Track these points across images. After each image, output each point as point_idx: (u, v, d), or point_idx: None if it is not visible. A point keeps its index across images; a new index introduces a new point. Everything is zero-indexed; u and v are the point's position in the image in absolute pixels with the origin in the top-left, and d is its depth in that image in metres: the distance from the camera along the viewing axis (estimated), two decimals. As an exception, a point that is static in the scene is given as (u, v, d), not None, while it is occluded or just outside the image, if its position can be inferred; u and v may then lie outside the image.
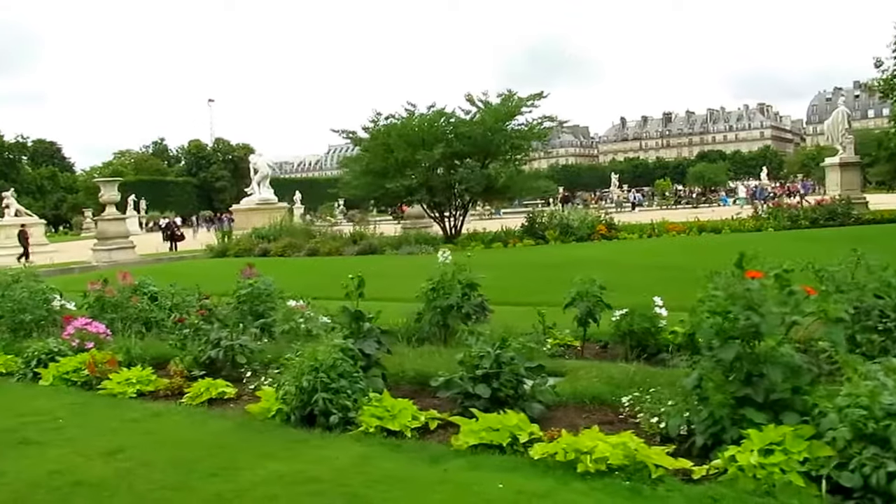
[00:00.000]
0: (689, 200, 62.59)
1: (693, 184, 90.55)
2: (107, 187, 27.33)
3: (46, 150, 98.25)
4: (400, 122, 23.59)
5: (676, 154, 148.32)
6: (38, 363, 7.27)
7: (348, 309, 6.04)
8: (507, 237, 22.91)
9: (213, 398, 6.01)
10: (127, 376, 6.54)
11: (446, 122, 23.46)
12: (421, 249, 20.40)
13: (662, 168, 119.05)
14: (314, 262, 20.56)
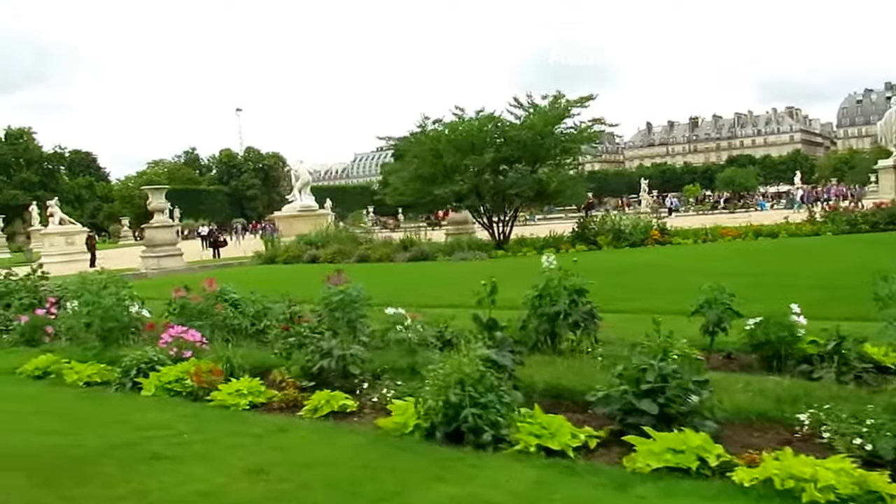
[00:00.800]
0: (727, 205, 61.57)
1: (722, 189, 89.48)
2: (154, 195, 27.37)
3: (83, 161, 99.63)
4: (448, 127, 23.28)
5: (704, 159, 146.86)
6: (138, 373, 7.02)
7: (480, 317, 5.72)
8: (556, 243, 22.48)
9: (335, 411, 5.70)
10: (237, 387, 6.26)
11: (494, 126, 23.11)
12: (475, 255, 20.07)
13: (690, 173, 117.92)
14: (368, 268, 20.29)
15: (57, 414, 6.21)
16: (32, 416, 6.22)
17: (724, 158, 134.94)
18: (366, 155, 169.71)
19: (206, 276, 17.56)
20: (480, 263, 19.14)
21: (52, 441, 5.41)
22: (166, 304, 9.44)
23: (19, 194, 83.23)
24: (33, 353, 9.16)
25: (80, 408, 6.39)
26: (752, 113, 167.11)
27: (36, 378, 7.89)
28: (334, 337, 6.55)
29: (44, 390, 7.17)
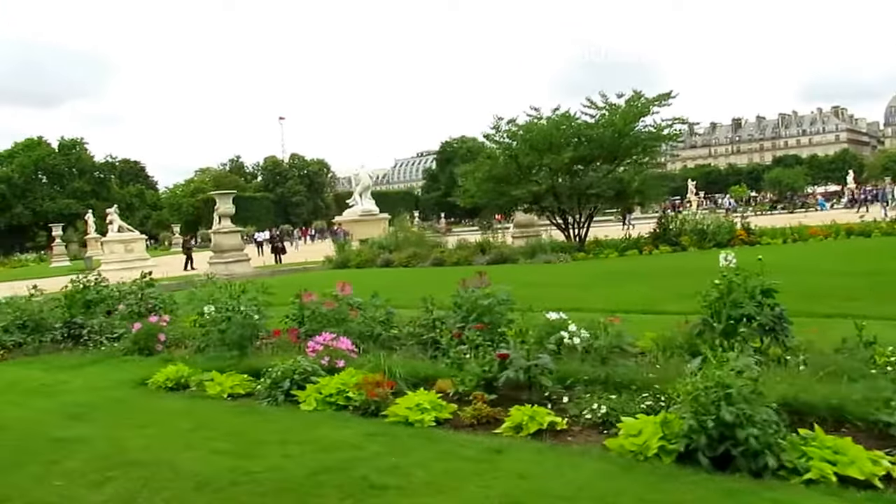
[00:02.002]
0: (786, 205, 59.86)
1: (769, 190, 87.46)
2: (222, 200, 27.14)
3: (131, 170, 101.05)
4: (524, 127, 22.64)
5: (748, 160, 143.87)
6: (292, 384, 6.48)
7: (709, 322, 5.04)
8: (637, 244, 21.66)
9: (543, 429, 5.07)
10: (416, 400, 5.66)
11: (569, 125, 22.39)
12: (557, 258, 19.35)
13: (735, 174, 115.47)
14: (450, 272, 19.71)
15: (221, 431, 5.68)
16: (193, 433, 5.70)
17: (769, 159, 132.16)
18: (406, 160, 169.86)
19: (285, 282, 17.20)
20: (568, 266, 18.47)
21: (232, 463, 4.88)
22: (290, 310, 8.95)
23: (73, 203, 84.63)
24: (153, 363, 8.76)
25: (241, 424, 5.85)
26: (796, 113, 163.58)
27: (169, 390, 7.41)
28: (522, 345, 5.91)
29: (191, 404, 6.66)
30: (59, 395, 7.43)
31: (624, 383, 5.62)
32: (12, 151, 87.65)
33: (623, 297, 11.56)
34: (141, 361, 9.02)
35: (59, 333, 10.84)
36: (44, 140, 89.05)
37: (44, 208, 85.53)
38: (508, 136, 23.01)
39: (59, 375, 8.58)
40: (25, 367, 9.31)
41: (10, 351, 10.56)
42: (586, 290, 12.94)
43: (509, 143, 23.01)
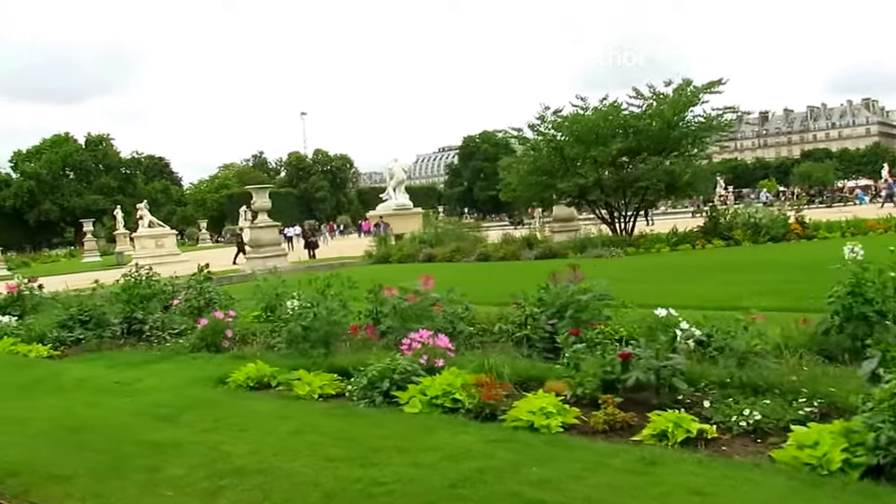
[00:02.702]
0: (824, 200, 58.72)
1: (798, 184, 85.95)
2: (259, 194, 26.90)
3: (156, 166, 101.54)
4: (569, 119, 22.10)
5: (775, 154, 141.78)
6: (391, 385, 6.07)
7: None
8: (688, 238, 21.02)
9: (692, 438, 4.62)
10: (539, 404, 5.22)
11: (616, 116, 21.81)
12: (609, 252, 18.82)
13: (763, 168, 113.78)
14: (496, 267, 19.29)
15: (327, 435, 5.28)
16: (296, 437, 5.31)
17: (797, 153, 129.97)
18: (428, 156, 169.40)
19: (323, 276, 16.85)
20: (622, 261, 17.93)
21: (353, 472, 4.48)
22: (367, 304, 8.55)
23: (99, 199, 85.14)
24: (224, 360, 8.43)
25: (346, 428, 5.44)
26: (825, 105, 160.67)
27: (251, 389, 7.03)
28: (652, 343, 5.46)
29: (283, 405, 6.27)
30: (136, 394, 7.08)
31: (765, 387, 5.16)
32: (40, 148, 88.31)
33: (698, 293, 11.05)
34: (210, 359, 8.68)
35: (119, 329, 10.53)
36: (71, 136, 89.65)
37: (71, 204, 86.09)
38: (553, 128, 22.47)
39: (128, 373, 8.25)
40: (90, 365, 9.00)
41: (69, 347, 10.29)
42: (653, 285, 12.44)
43: (554, 135, 22.46)
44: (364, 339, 7.99)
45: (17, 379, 8.34)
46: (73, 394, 7.33)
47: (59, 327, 10.81)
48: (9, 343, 10.74)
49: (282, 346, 8.59)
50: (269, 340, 9.06)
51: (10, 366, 9.35)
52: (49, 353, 10.00)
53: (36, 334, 10.81)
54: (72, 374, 8.37)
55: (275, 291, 10.28)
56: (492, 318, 8.77)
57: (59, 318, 11.03)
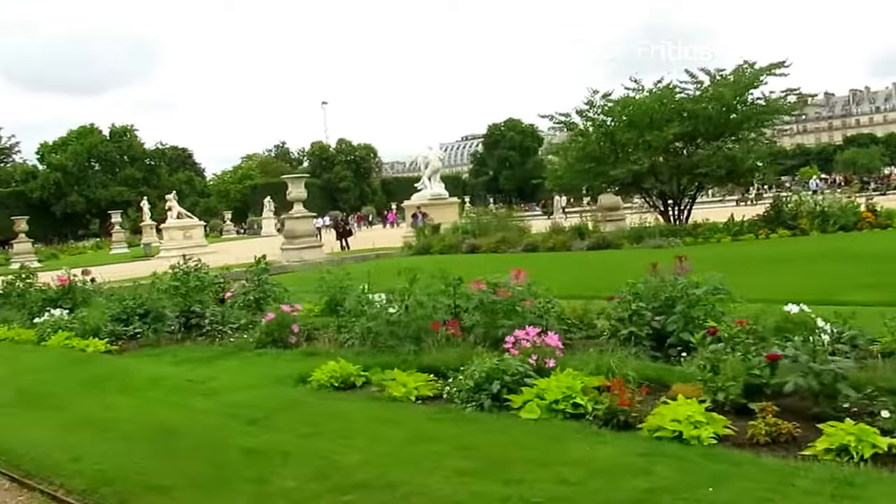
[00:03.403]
0: (878, 187, 57.24)
1: (842, 171, 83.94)
2: (294, 184, 26.49)
3: (179, 157, 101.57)
4: (621, 102, 21.38)
5: (815, 140, 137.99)
6: (502, 387, 5.55)
7: None
8: (751, 228, 20.05)
9: (879, 454, 4.05)
10: (683, 412, 4.68)
11: (671, 99, 21.04)
12: (668, 243, 18.13)
13: (803, 154, 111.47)
14: (545, 258, 18.67)
15: (446, 444, 4.78)
16: (412, 446, 4.82)
17: (838, 138, 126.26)
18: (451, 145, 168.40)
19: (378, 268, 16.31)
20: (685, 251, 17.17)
21: (496, 489, 3.99)
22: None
23: (124, 190, 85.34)
24: (295, 357, 8.00)
25: (463, 436, 4.94)
26: (868, 89, 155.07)
27: (336, 389, 6.55)
28: (805, 345, 4.88)
29: (381, 408, 5.78)
30: (214, 394, 6.63)
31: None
32: (66, 139, 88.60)
33: (784, 286, 10.42)
34: (278, 355, 8.22)
35: (176, 323, 10.10)
36: (96, 127, 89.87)
37: (97, 196, 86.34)
38: (603, 112, 21.77)
39: (196, 370, 7.82)
40: (154, 361, 8.57)
41: (125, 342, 9.88)
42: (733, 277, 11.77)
43: (604, 120, 21.75)
44: (447, 336, 7.47)
45: (81, 375, 7.94)
46: (147, 393, 6.90)
47: (114, 321, 10.41)
48: (63, 337, 10.36)
49: (354, 342, 8.13)
50: (338, 336, 8.60)
51: (70, 361, 8.96)
52: (106, 348, 9.59)
53: (90, 328, 10.41)
54: (139, 371, 7.95)
55: (339, 284, 9.79)
56: (577, 313, 8.26)
57: (113, 311, 10.64)
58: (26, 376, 8.25)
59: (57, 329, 10.71)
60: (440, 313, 7.33)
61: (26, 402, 7.01)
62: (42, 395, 7.23)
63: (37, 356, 9.60)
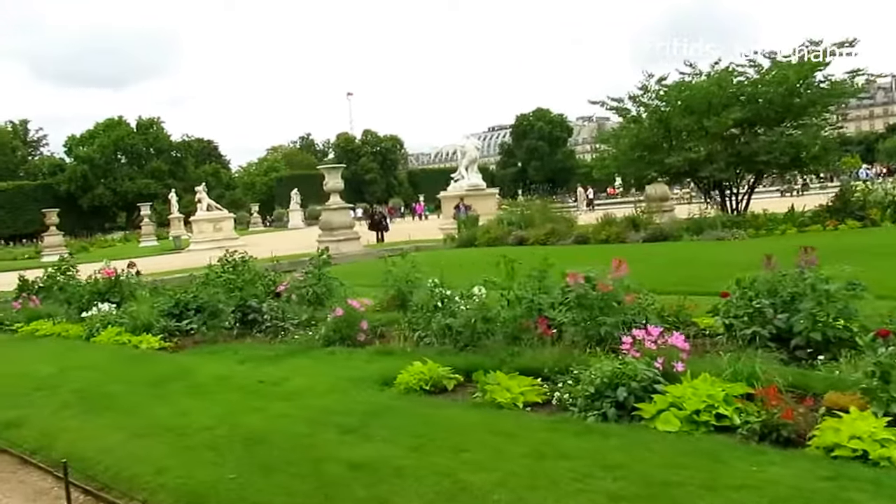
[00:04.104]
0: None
1: (884, 160, 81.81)
2: (331, 174, 25.99)
3: (205, 149, 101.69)
4: (676, 87, 20.52)
5: (855, 128, 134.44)
6: (629, 394, 4.92)
7: None
8: (816, 218, 19.02)
9: None
10: (865, 428, 4.03)
11: (729, 82, 20.12)
12: (732, 234, 17.33)
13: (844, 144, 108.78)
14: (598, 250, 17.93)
15: (581, 461, 4.18)
16: (541, 463, 4.22)
17: (880, 126, 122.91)
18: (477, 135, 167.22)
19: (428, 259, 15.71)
20: (752, 243, 16.40)
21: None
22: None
23: (151, 183, 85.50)
24: (371, 357, 7.46)
25: (598, 449, 4.34)
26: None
27: (426, 393, 5.96)
28: None
29: (489, 416, 5.18)
30: (293, 397, 6.06)
31: None
32: (93, 132, 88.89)
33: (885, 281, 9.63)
34: (350, 354, 7.67)
35: (232, 318, 9.57)
36: (123, 120, 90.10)
37: (123, 188, 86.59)
38: (657, 98, 20.93)
39: (264, 370, 7.27)
40: (215, 359, 8.04)
41: (178, 338, 9.38)
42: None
43: (658, 106, 20.91)
44: (539, 335, 6.85)
45: (141, 375, 7.41)
46: (218, 395, 6.35)
47: (166, 316, 9.92)
48: (114, 333, 9.88)
49: (432, 340, 7.55)
50: (410, 334, 8.02)
51: (125, 359, 8.45)
52: (160, 345, 9.10)
53: (142, 323, 9.91)
54: (201, 370, 7.41)
55: (406, 277, 9.21)
56: (673, 310, 7.62)
57: (165, 306, 10.16)
58: (81, 375, 7.75)
59: (106, 324, 10.23)
60: (536, 310, 6.68)
61: (88, 404, 6.50)
62: (104, 396, 6.72)
63: (89, 353, 9.11)
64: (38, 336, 11.11)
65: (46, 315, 12.33)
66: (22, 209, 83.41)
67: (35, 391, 7.25)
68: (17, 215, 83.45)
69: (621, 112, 22.26)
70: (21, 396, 7.11)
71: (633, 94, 21.39)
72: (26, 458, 5.62)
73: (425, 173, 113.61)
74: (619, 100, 21.92)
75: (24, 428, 6.10)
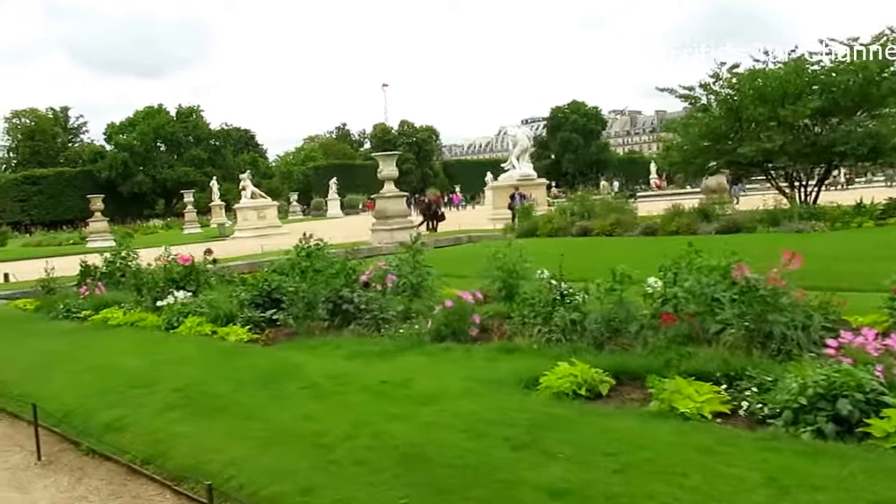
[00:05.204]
0: None
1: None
2: (385, 162, 25.37)
3: (242, 138, 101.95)
4: (750, 75, 19.58)
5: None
6: (853, 408, 4.17)
7: None
8: (885, 212, 18.22)
9: None
10: None
11: (806, 69, 19.13)
12: (811, 227, 16.46)
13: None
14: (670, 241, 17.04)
15: (841, 493, 3.45)
16: (789, 495, 3.49)
17: None
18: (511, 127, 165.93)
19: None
20: (833, 236, 15.56)
21: None
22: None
23: (190, 171, 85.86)
24: (493, 354, 6.81)
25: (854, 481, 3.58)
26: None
27: (581, 398, 5.25)
28: None
29: (680, 429, 4.45)
30: (431, 401, 5.40)
31: None
32: (133, 120, 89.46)
33: None
34: (469, 351, 7.01)
35: (324, 310, 8.93)
36: (163, 108, 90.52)
37: (162, 176, 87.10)
38: (728, 86, 20.02)
39: (375, 367, 6.65)
40: (317, 354, 7.42)
41: (264, 330, 8.79)
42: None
43: (729, 94, 20.02)
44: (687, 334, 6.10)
45: (244, 372, 6.81)
46: (342, 397, 5.71)
47: (250, 306, 9.33)
48: (195, 323, 9.33)
49: (559, 336, 6.85)
50: (524, 328, 7.33)
51: (217, 353, 7.87)
52: (249, 337, 8.52)
53: (224, 313, 9.35)
54: (310, 367, 6.79)
55: (513, 268, 8.49)
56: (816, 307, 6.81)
57: (245, 294, 9.59)
58: (176, 371, 7.16)
59: (186, 314, 9.68)
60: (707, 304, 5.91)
61: (196, 405, 5.89)
62: (210, 396, 6.11)
63: (174, 345, 8.54)
64: (110, 325, 10.60)
65: (113, 302, 11.85)
66: (63, 195, 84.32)
67: (129, 388, 6.67)
68: (58, 201, 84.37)
69: (691, 100, 21.36)
70: (114, 394, 6.54)
71: (704, 81, 20.48)
72: (136, 468, 5.00)
73: (460, 164, 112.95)
74: (690, 88, 21.01)
75: (128, 432, 5.51)
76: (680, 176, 47.71)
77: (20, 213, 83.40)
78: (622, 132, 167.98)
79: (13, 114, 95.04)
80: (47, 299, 13.50)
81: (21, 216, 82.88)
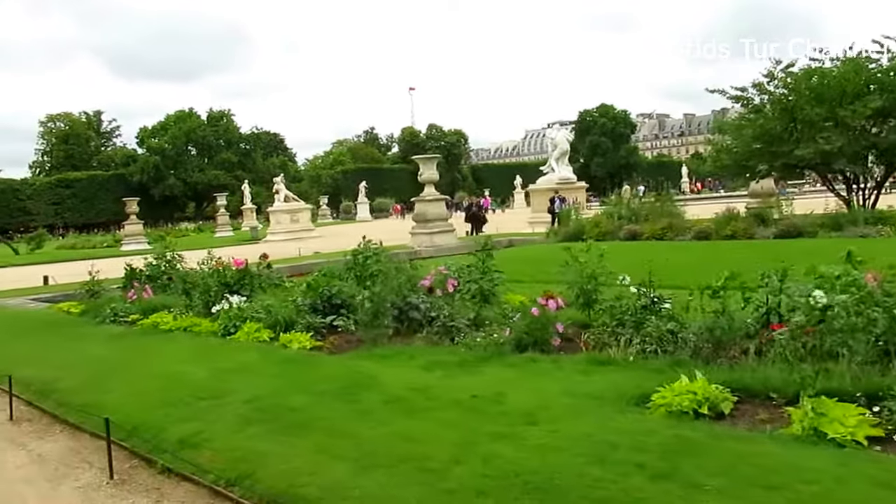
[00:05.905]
0: None
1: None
2: (426, 165, 25.00)
3: (271, 142, 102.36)
4: (806, 74, 18.89)
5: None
6: None
7: None
8: None
9: None
10: None
11: (865, 68, 18.41)
12: (877, 231, 15.76)
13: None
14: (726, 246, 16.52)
15: None
16: None
17: None
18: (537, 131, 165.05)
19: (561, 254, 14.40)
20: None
21: None
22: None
23: (220, 174, 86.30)
24: (583, 366, 6.32)
25: None
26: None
27: (703, 418, 4.75)
28: None
29: (840, 460, 3.92)
30: (536, 420, 4.91)
31: None
32: (165, 124, 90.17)
33: None
34: (557, 362, 6.57)
35: (389, 316, 8.50)
36: (194, 112, 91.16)
37: (193, 179, 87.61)
38: (783, 86, 19.34)
39: (461, 380, 6.22)
40: (395, 365, 7.00)
41: (336, 338, 8.40)
42: None
43: (783, 94, 19.34)
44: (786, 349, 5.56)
45: (318, 383, 6.38)
46: (434, 413, 5.25)
47: (309, 312, 8.94)
48: (253, 329, 8.94)
49: (656, 348, 6.35)
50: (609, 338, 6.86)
51: (282, 361, 7.45)
52: (312, 345, 8.14)
53: (283, 319, 8.95)
54: (387, 378, 6.34)
55: (591, 274, 7.98)
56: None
57: (301, 300, 9.21)
58: (243, 380, 6.75)
59: (244, 319, 9.30)
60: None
61: (274, 420, 5.46)
62: (287, 410, 5.67)
63: (234, 353, 8.14)
64: (161, 330, 10.25)
65: (162, 306, 11.52)
66: (95, 199, 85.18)
67: (197, 400, 6.27)
68: (91, 204, 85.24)
69: (744, 101, 20.67)
70: (183, 406, 6.14)
71: (757, 81, 19.82)
72: (221, 489, 4.56)
73: (489, 168, 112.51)
74: (743, 88, 20.31)
75: (205, 449, 5.08)
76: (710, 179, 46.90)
77: (54, 215, 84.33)
78: (650, 136, 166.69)
79: (48, 118, 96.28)
80: (92, 303, 13.23)
81: (55, 219, 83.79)
